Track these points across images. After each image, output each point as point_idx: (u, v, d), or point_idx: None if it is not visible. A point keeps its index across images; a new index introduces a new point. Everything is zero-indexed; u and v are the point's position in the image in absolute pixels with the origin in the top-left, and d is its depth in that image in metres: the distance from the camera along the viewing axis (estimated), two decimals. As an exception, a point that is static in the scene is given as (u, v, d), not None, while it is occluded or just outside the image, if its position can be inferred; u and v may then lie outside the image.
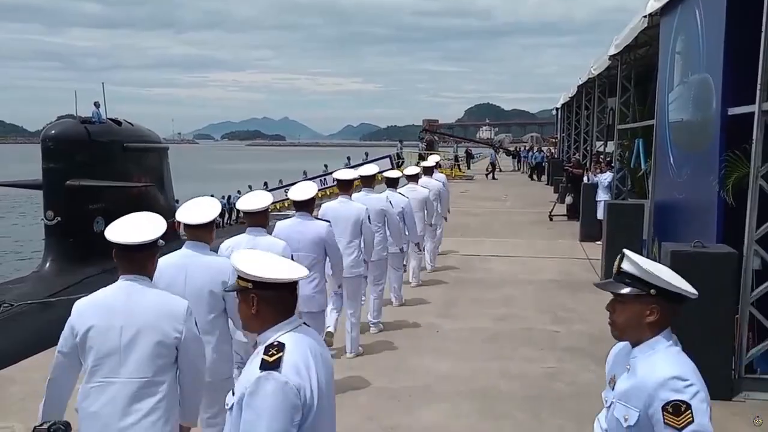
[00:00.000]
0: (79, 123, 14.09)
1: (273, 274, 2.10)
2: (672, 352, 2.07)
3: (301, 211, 5.18)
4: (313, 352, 2.11)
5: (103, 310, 2.78)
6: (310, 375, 2.05)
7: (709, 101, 6.25)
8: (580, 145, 20.49)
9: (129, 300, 2.79)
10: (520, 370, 5.79)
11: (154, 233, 2.87)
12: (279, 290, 2.12)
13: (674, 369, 1.99)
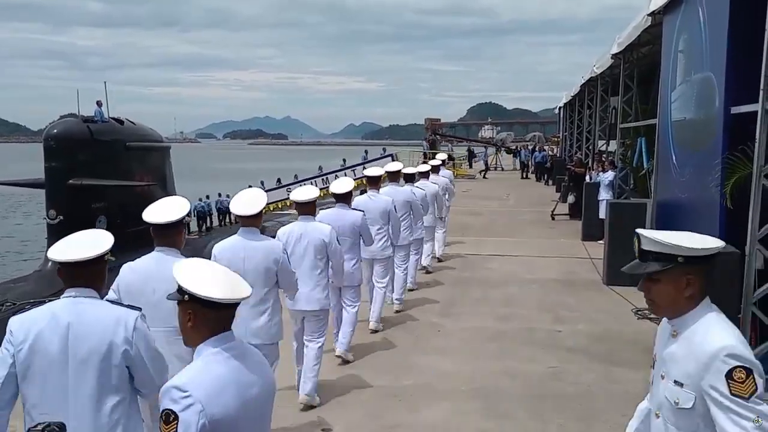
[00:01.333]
0: (81, 122, 14.12)
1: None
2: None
3: (341, 202, 5.91)
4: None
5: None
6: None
7: (711, 100, 6.24)
8: (582, 144, 20.47)
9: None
10: (522, 370, 5.79)
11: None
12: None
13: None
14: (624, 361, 5.98)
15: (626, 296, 8.07)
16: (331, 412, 4.97)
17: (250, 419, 2.06)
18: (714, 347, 1.94)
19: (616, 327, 7.01)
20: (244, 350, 2.14)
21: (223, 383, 2.00)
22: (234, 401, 2.00)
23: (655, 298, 2.11)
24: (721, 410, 1.91)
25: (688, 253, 2.01)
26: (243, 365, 2.08)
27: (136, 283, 3.48)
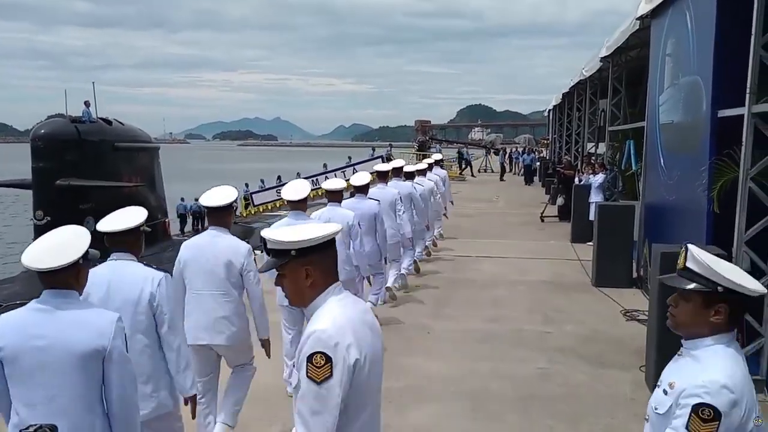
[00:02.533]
0: (69, 122, 14.01)
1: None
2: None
3: (359, 193, 6.82)
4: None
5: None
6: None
7: (699, 103, 6.29)
8: (571, 146, 20.57)
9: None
10: (511, 371, 5.80)
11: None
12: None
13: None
14: (612, 363, 6.01)
15: (615, 298, 8.11)
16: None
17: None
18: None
19: (604, 328, 7.04)
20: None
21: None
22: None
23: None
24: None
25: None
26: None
27: (194, 255, 4.11)
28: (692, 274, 2.01)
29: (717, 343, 2.00)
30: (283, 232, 2.13)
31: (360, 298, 5.97)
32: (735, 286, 1.96)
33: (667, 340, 5.03)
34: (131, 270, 3.24)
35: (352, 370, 2.02)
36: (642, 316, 7.06)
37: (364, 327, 2.13)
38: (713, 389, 1.88)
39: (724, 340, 2.01)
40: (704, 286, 1.98)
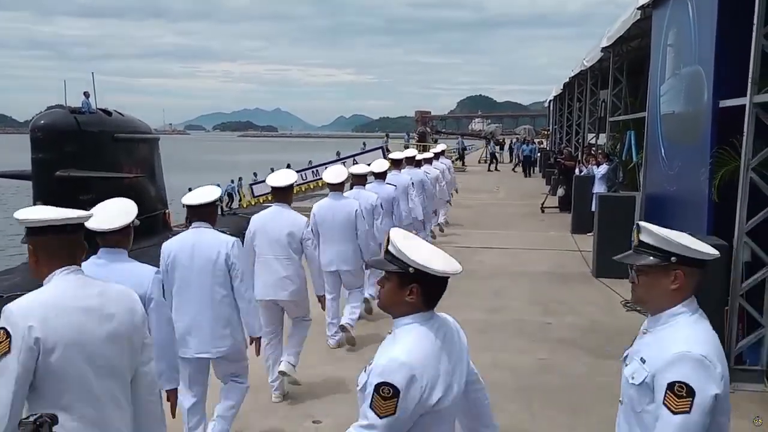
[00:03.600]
0: (68, 113, 13.96)
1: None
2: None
3: (378, 178, 7.61)
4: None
5: None
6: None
7: (700, 93, 6.26)
8: (572, 137, 20.54)
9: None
10: (512, 362, 5.81)
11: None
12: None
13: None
14: (613, 353, 6.01)
15: (615, 288, 8.11)
16: (320, 405, 4.97)
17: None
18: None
19: (605, 319, 7.05)
20: None
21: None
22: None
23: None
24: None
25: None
26: None
27: (261, 226, 4.98)
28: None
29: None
30: None
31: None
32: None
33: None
34: (210, 235, 3.96)
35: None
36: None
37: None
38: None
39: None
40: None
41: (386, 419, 1.94)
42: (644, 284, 2.09)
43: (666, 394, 1.90)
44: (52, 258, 2.26)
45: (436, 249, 2.22)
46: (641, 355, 2.05)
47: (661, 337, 2.03)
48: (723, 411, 1.97)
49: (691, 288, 2.06)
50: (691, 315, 2.05)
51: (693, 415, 1.88)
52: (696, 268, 2.04)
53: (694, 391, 1.88)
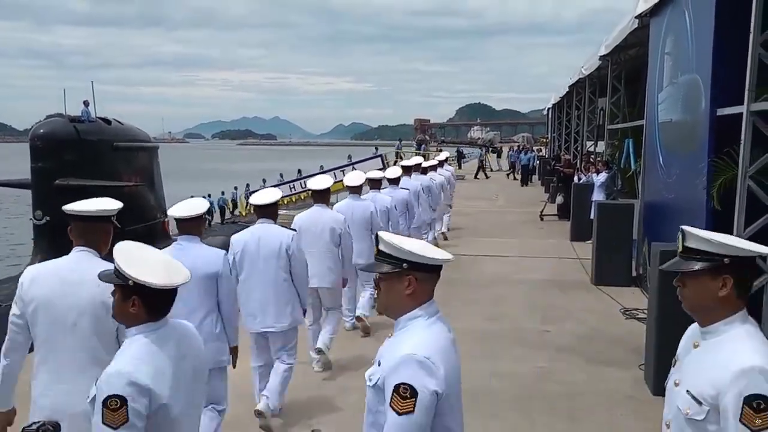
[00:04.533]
0: (68, 122, 13.97)
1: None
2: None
3: (392, 184, 8.21)
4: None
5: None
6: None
7: (698, 102, 6.29)
8: (570, 145, 20.58)
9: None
10: (511, 370, 5.81)
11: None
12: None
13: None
14: (612, 361, 6.01)
15: (614, 296, 8.12)
16: (320, 412, 4.96)
17: None
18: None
19: (604, 327, 7.05)
20: None
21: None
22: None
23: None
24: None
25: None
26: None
27: (306, 224, 5.72)
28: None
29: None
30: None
31: None
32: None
33: (666, 338, 5.05)
34: (273, 229, 4.69)
35: None
36: (641, 315, 7.07)
37: None
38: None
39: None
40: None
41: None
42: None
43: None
44: (77, 239, 3.04)
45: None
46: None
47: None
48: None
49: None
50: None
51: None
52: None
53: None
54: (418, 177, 9.86)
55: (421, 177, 9.99)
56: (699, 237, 1.97)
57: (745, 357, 1.84)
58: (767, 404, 1.77)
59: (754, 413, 1.77)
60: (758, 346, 1.88)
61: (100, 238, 3.05)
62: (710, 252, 1.94)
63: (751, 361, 1.82)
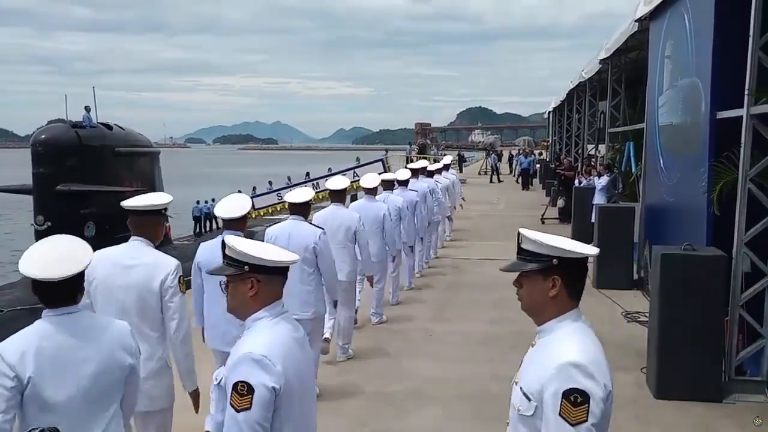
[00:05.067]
0: (69, 127, 14.00)
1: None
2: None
3: (401, 186, 8.59)
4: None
5: None
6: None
7: (698, 105, 6.30)
8: (571, 148, 20.60)
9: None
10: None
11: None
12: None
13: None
14: (614, 365, 5.97)
15: (616, 299, 8.11)
16: (321, 417, 4.93)
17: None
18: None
19: (605, 330, 7.02)
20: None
21: None
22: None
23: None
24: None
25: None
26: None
27: (324, 221, 5.91)
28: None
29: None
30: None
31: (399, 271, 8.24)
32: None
33: (668, 342, 5.05)
34: (303, 227, 5.07)
35: None
36: (643, 318, 7.06)
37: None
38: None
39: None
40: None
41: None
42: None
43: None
44: (133, 230, 3.44)
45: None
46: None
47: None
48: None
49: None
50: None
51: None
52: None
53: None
54: (425, 179, 10.23)
55: (427, 180, 10.36)
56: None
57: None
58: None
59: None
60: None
61: (152, 229, 3.45)
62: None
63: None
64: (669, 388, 5.15)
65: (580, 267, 2.05)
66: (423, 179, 10.18)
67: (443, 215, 11.24)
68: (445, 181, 11.87)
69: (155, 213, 3.45)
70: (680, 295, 5.07)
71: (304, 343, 2.31)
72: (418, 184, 9.57)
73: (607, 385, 1.93)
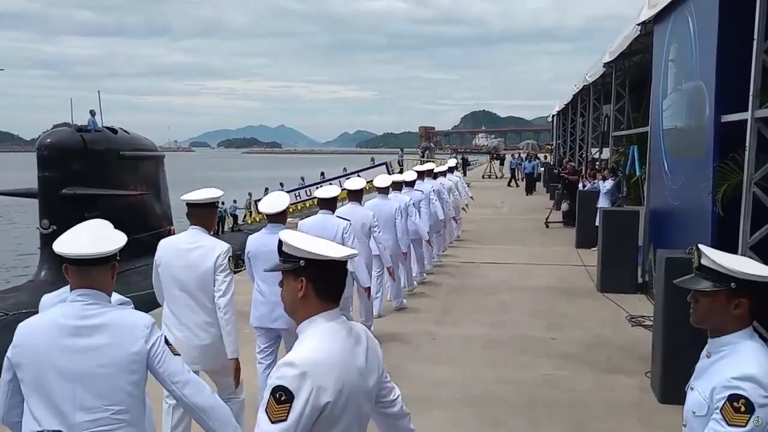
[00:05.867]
0: (74, 131, 14.06)
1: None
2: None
3: (408, 186, 9.19)
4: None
5: None
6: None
7: (702, 108, 6.29)
8: (575, 151, 20.58)
9: None
10: (516, 377, 5.79)
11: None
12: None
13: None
14: (618, 369, 5.99)
15: (620, 303, 8.10)
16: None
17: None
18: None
19: (610, 334, 7.03)
20: None
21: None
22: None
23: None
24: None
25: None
26: None
27: (355, 218, 6.27)
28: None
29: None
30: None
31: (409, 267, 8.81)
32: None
33: (673, 346, 5.03)
34: (332, 219, 5.75)
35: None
36: (647, 322, 7.04)
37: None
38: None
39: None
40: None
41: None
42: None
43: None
44: (192, 219, 4.00)
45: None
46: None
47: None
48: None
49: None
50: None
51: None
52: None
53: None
54: (430, 181, 10.72)
55: (432, 181, 10.82)
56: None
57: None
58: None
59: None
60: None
61: (207, 219, 4.03)
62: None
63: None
64: (673, 392, 5.11)
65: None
66: (428, 180, 10.64)
67: (448, 216, 11.55)
68: (449, 183, 12.26)
69: (210, 205, 4.05)
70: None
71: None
72: (424, 185, 10.06)
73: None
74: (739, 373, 1.94)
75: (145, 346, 2.39)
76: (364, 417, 2.12)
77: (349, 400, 1.97)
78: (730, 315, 2.03)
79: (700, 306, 2.10)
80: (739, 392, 1.92)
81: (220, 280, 3.83)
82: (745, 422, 1.89)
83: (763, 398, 1.91)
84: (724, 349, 2.06)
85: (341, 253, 2.03)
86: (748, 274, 1.99)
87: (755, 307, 2.03)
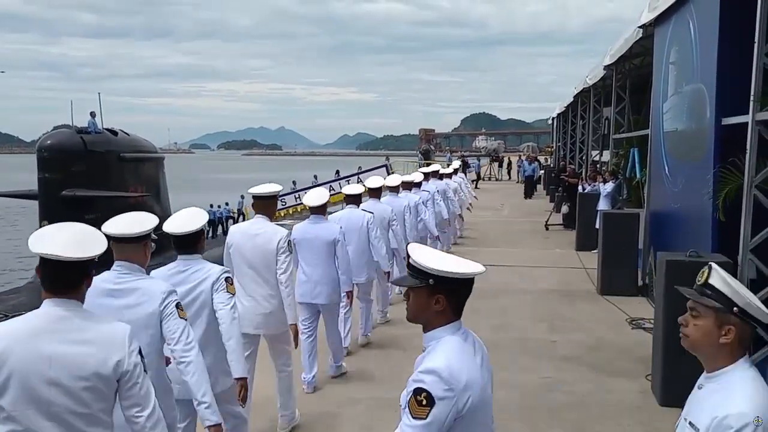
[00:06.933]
0: (75, 133, 14.07)
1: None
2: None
3: (415, 187, 9.59)
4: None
5: None
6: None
7: (703, 111, 6.29)
8: (576, 154, 20.57)
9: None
10: (517, 380, 5.78)
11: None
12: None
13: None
14: (618, 371, 5.98)
15: (620, 306, 8.09)
16: (324, 424, 4.95)
17: None
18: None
19: (610, 337, 7.02)
20: None
21: None
22: None
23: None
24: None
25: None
26: None
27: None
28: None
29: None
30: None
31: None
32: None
33: (673, 348, 5.02)
34: (358, 211, 6.47)
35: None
36: (648, 325, 7.04)
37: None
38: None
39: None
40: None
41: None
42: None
43: None
44: (257, 210, 4.70)
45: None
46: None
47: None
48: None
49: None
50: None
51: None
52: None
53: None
54: (435, 182, 11.19)
55: (437, 182, 11.29)
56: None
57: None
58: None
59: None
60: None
61: (269, 210, 4.71)
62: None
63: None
64: (674, 395, 5.12)
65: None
66: (434, 181, 11.21)
67: (454, 214, 12.15)
68: (454, 184, 12.83)
69: (271, 197, 4.72)
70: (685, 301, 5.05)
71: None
72: (429, 185, 10.61)
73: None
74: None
75: (159, 308, 2.97)
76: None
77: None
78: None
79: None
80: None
81: (281, 260, 4.49)
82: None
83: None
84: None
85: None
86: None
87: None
